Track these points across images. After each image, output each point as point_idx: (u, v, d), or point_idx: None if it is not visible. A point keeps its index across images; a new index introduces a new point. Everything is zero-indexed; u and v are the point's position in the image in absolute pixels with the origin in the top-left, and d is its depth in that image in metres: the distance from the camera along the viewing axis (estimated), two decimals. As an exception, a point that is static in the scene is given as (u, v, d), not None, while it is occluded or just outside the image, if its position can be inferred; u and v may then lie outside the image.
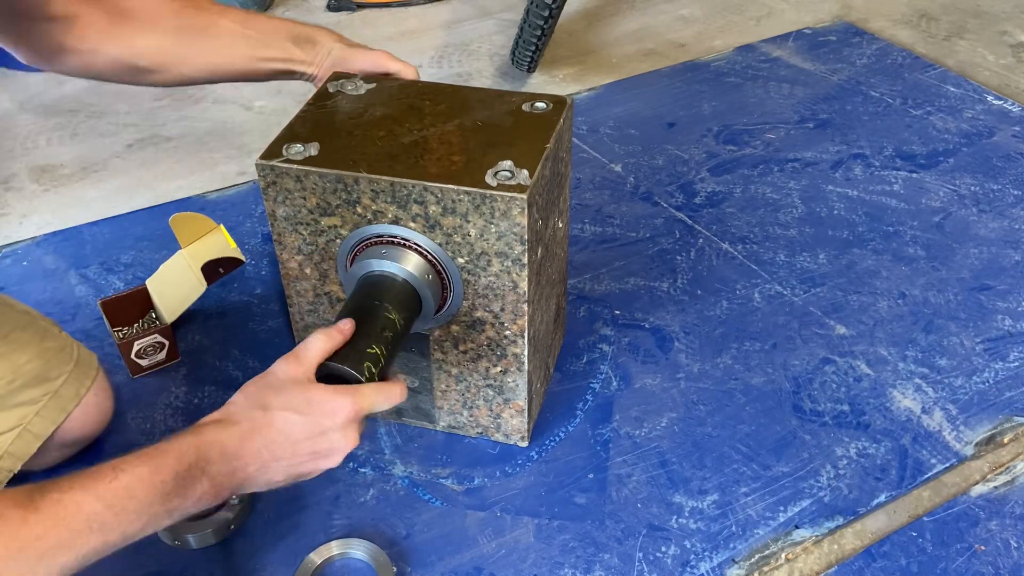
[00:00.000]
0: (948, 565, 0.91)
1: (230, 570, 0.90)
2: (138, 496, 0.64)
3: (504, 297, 0.89)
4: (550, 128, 0.91)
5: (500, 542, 0.93)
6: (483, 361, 0.96)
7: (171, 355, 1.12)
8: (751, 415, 1.07)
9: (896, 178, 1.47)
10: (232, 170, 1.52)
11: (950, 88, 1.71)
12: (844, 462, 1.01)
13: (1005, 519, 0.96)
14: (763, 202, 1.42)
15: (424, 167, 0.85)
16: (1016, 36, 1.93)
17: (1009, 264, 1.29)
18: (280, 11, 2.07)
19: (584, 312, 1.21)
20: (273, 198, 0.89)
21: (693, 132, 1.59)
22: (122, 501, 0.63)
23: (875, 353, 1.15)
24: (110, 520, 0.62)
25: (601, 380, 1.11)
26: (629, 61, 1.85)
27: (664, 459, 1.01)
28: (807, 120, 1.62)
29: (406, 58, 1.03)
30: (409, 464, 1.01)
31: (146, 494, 0.64)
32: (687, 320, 1.20)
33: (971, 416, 1.07)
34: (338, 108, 0.95)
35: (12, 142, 1.60)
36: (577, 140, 1.56)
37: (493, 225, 0.84)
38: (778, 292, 1.24)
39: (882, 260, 1.30)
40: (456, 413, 1.02)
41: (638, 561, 0.91)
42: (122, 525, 0.63)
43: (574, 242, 1.33)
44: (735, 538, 0.94)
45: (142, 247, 1.33)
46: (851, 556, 0.93)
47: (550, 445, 1.03)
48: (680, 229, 1.36)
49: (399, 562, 0.91)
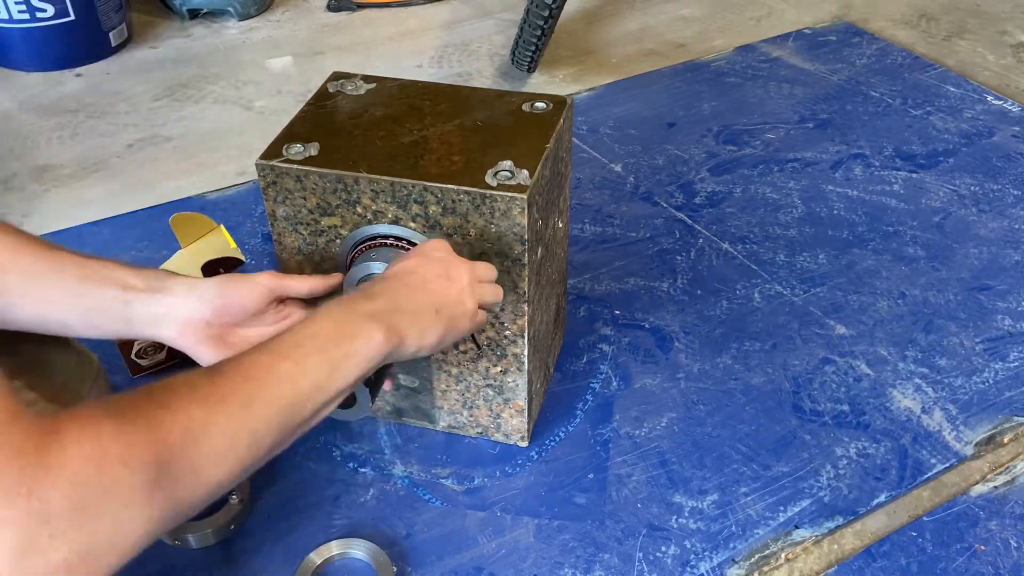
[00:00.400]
0: (948, 565, 0.91)
1: (230, 570, 0.90)
2: (305, 344, 0.66)
3: (504, 297, 0.89)
4: (550, 128, 0.91)
5: (500, 542, 0.93)
6: (483, 361, 0.96)
7: (171, 355, 1.12)
8: (751, 415, 1.07)
9: (896, 178, 1.47)
10: (232, 170, 1.52)
11: (950, 88, 1.71)
12: (844, 462, 1.01)
13: (1005, 519, 0.96)
14: (763, 202, 1.42)
15: (424, 167, 0.85)
16: (1016, 36, 1.93)
17: (1009, 264, 1.29)
18: (280, 11, 2.07)
19: (584, 312, 1.21)
20: (273, 198, 0.89)
21: (693, 132, 1.59)
22: (293, 350, 0.65)
23: (875, 353, 1.15)
24: (291, 369, 0.64)
25: (601, 380, 1.11)
26: (629, 61, 1.85)
27: (664, 459, 1.02)
28: (807, 120, 1.62)
29: (406, 58, 1.03)
30: (409, 464, 1.01)
31: (314, 341, 0.66)
32: (687, 320, 1.20)
33: (971, 416, 1.07)
34: (338, 108, 0.95)
35: (12, 142, 1.60)
36: (577, 140, 1.56)
37: (493, 225, 0.84)
38: (778, 292, 1.24)
39: (882, 260, 1.30)
40: (456, 413, 1.02)
41: (638, 561, 0.91)
42: (305, 372, 0.64)
43: (574, 242, 1.33)
44: (735, 538, 0.94)
45: (142, 247, 1.33)
46: (851, 556, 0.93)
47: (550, 445, 1.03)
48: (680, 229, 1.36)
49: (399, 562, 0.91)
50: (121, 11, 1.87)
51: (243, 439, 0.60)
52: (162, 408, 0.57)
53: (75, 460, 0.51)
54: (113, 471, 0.52)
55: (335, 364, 0.67)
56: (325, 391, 0.66)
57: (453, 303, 0.77)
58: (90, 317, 0.82)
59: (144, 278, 0.83)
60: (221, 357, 0.83)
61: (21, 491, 0.49)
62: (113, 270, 0.83)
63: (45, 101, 1.72)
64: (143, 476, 0.53)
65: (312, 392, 0.65)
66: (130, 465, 0.53)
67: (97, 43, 1.84)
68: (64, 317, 0.82)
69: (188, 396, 0.59)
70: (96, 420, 0.53)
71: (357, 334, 0.69)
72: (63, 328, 0.83)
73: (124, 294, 0.82)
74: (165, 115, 1.68)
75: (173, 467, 0.55)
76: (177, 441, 0.56)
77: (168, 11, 2.03)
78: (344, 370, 0.67)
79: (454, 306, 0.77)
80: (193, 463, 0.57)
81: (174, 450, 0.56)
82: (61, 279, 0.81)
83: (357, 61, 1.84)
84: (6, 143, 1.60)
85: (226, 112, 1.69)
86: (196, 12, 2.00)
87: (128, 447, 0.53)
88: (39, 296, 0.80)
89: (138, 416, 0.55)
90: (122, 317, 0.82)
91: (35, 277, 0.80)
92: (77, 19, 1.78)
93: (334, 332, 0.68)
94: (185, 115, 1.68)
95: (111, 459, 0.52)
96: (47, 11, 1.75)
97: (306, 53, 1.90)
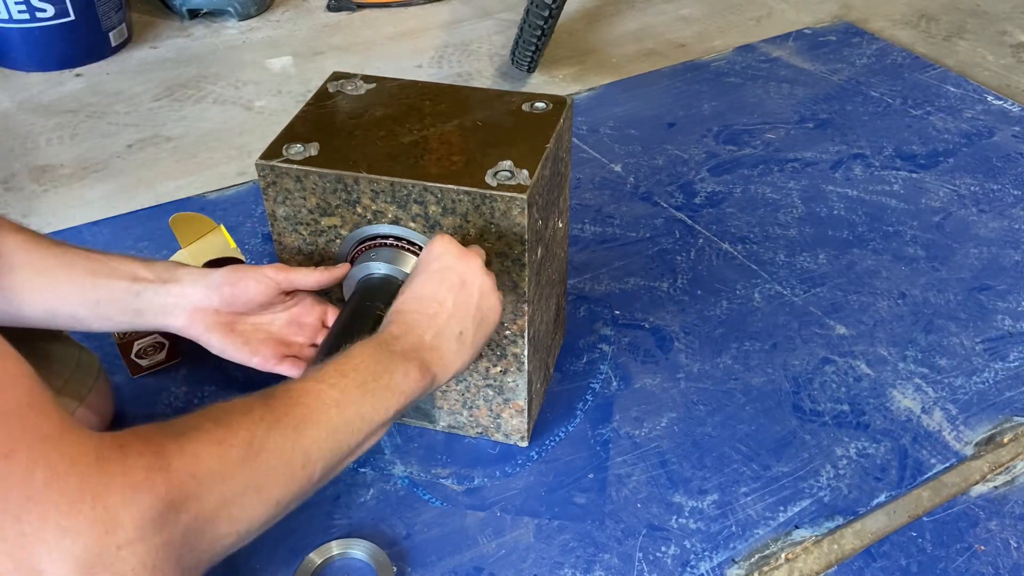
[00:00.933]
0: (948, 565, 0.91)
1: (230, 570, 0.90)
2: (350, 375, 0.67)
3: (504, 297, 0.89)
4: (550, 128, 0.91)
5: (500, 542, 0.93)
6: (483, 361, 0.96)
7: (171, 355, 1.12)
8: (751, 415, 1.07)
9: (896, 178, 1.47)
10: (232, 170, 1.52)
11: (950, 88, 1.71)
12: (844, 462, 1.01)
13: (1005, 519, 0.96)
14: (763, 202, 1.42)
15: (424, 167, 0.85)
16: (1016, 36, 1.93)
17: (1009, 264, 1.29)
18: (280, 11, 2.07)
19: (584, 312, 1.21)
20: (273, 198, 0.89)
21: (693, 132, 1.59)
22: (340, 379, 0.67)
23: (875, 353, 1.15)
24: (338, 396, 0.66)
25: (601, 380, 1.11)
26: (629, 61, 1.85)
27: (664, 459, 1.01)
28: (807, 120, 1.62)
29: (406, 58, 1.03)
30: (409, 464, 1.01)
31: (357, 373, 0.68)
32: (687, 320, 1.20)
33: (971, 416, 1.07)
34: (338, 108, 0.95)
35: (12, 142, 1.60)
36: (577, 140, 1.56)
37: (493, 225, 0.84)
38: (778, 292, 1.24)
39: (882, 260, 1.30)
40: (456, 413, 1.02)
41: (638, 561, 0.91)
42: (352, 402, 0.66)
43: (574, 242, 1.33)
44: (735, 538, 0.94)
45: (142, 247, 1.33)
46: (851, 556, 0.93)
47: (550, 445, 1.03)
48: (680, 229, 1.36)
49: (399, 562, 0.91)
50: (121, 11, 1.87)
51: (297, 459, 0.61)
52: (222, 427, 0.58)
53: (138, 471, 0.50)
54: (178, 486, 0.52)
55: (377, 395, 0.68)
56: (369, 422, 0.67)
57: (475, 308, 0.78)
58: (100, 309, 0.83)
59: (153, 269, 0.84)
60: (230, 345, 0.86)
61: (86, 499, 0.47)
62: (121, 263, 0.84)
63: (45, 101, 1.72)
64: (207, 491, 0.54)
65: (358, 422, 0.67)
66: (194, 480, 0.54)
67: (97, 43, 1.84)
68: (75, 310, 0.83)
69: (244, 416, 0.60)
70: (153, 436, 0.54)
71: (395, 370, 0.70)
72: (73, 321, 0.84)
73: (134, 285, 0.83)
74: (165, 115, 1.68)
75: (231, 485, 0.56)
76: (238, 457, 0.57)
77: (168, 11, 2.04)
78: (386, 402, 0.69)
79: (479, 310, 0.78)
80: (251, 480, 0.58)
81: (235, 468, 0.57)
82: (71, 273, 0.82)
83: (357, 61, 1.84)
84: (6, 143, 1.60)
85: (226, 112, 1.69)
86: (196, 12, 2.00)
87: (193, 460, 0.54)
88: (50, 290, 0.81)
89: (199, 434, 0.56)
90: (132, 308, 0.83)
91: (45, 272, 0.81)
92: (77, 19, 1.78)
93: (374, 366, 0.70)
94: (185, 115, 1.68)
95: (173, 473, 0.53)
96: (47, 11, 1.75)
97: (306, 53, 1.90)
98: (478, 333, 0.78)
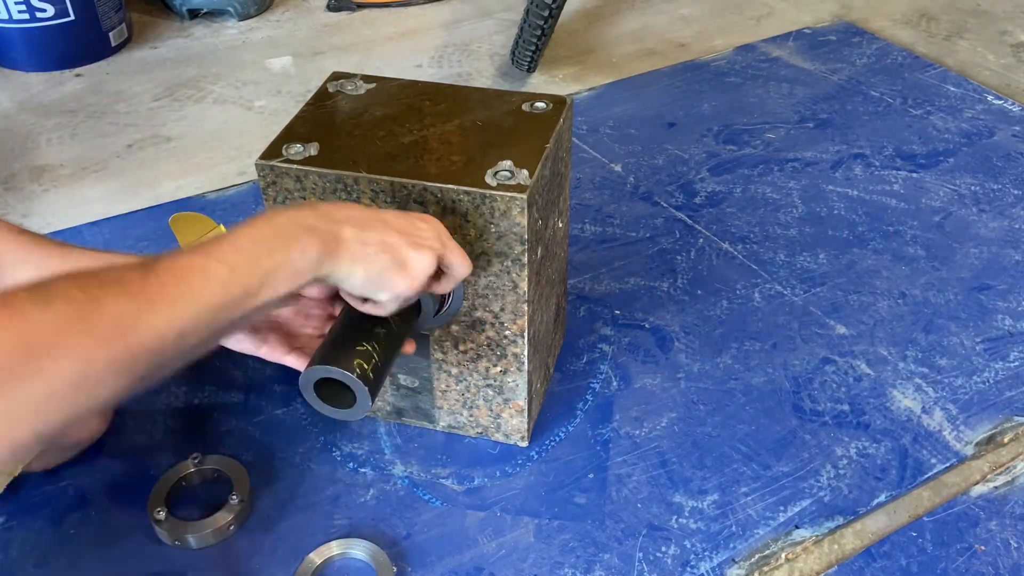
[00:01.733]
0: (948, 565, 0.91)
1: (230, 570, 0.90)
2: (243, 248, 0.67)
3: (504, 297, 0.89)
4: (550, 128, 0.91)
5: (500, 542, 0.93)
6: (483, 361, 0.96)
7: (171, 355, 1.12)
8: (751, 415, 1.07)
9: (896, 178, 1.47)
10: (232, 170, 1.52)
11: (950, 88, 1.71)
12: (844, 462, 1.01)
13: (1005, 519, 0.96)
14: (763, 202, 1.42)
15: (424, 167, 0.85)
16: (1016, 36, 1.93)
17: (1009, 264, 1.29)
18: (280, 11, 2.07)
19: (584, 312, 1.21)
20: (273, 198, 0.89)
21: (693, 132, 1.59)
22: (229, 254, 0.66)
23: (875, 353, 1.15)
24: (223, 272, 0.65)
25: (601, 380, 1.11)
26: (629, 61, 1.85)
27: (664, 459, 1.01)
28: (807, 120, 1.62)
29: (406, 58, 1.03)
30: (409, 464, 1.01)
31: (251, 246, 0.67)
32: (687, 320, 1.20)
33: (971, 416, 1.07)
34: (338, 108, 0.95)
35: (12, 142, 1.60)
36: (577, 140, 1.56)
37: (493, 225, 0.84)
38: (778, 292, 1.24)
39: (882, 260, 1.30)
40: (456, 413, 1.02)
41: (638, 561, 0.91)
42: (238, 278, 0.66)
43: (574, 242, 1.33)
44: (735, 538, 0.94)
45: (142, 247, 1.33)
46: (851, 556, 0.93)
47: (550, 445, 1.03)
48: (680, 229, 1.36)
49: (399, 562, 0.91)
50: (121, 11, 1.87)
51: (170, 337, 0.61)
52: (94, 302, 0.58)
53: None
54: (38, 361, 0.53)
55: (269, 276, 0.68)
56: (257, 298, 0.67)
57: (406, 249, 0.75)
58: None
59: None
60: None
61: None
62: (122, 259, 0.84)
63: (45, 101, 1.72)
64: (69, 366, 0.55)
65: (243, 296, 0.66)
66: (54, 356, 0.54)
67: (97, 43, 1.84)
68: None
69: (119, 291, 0.60)
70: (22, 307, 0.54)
71: (295, 245, 0.69)
72: None
73: None
74: (165, 115, 1.68)
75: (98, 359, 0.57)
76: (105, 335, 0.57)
77: (168, 11, 2.04)
78: (275, 282, 0.68)
79: (407, 249, 0.75)
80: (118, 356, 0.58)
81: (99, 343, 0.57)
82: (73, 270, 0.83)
83: (357, 61, 1.85)
84: (6, 143, 1.60)
85: (226, 112, 1.69)
86: (196, 12, 2.00)
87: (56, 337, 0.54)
88: None
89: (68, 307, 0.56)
90: None
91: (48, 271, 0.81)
92: (77, 19, 1.78)
93: (272, 239, 0.69)
94: (185, 115, 1.68)
95: (36, 350, 0.53)
96: (47, 11, 1.75)
97: (306, 53, 1.90)
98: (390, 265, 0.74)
